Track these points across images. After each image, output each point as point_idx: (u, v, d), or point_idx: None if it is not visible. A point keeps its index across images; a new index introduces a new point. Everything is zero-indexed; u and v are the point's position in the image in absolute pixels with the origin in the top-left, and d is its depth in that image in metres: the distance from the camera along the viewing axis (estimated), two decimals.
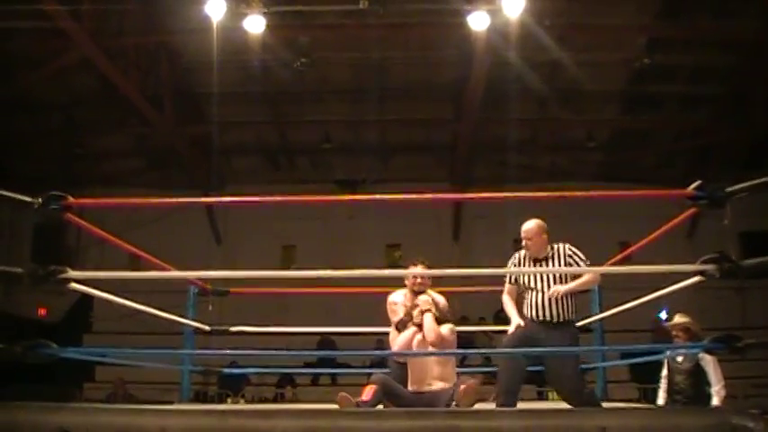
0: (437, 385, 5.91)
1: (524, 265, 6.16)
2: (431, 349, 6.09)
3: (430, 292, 6.43)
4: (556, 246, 6.15)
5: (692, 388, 7.99)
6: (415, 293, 6.36)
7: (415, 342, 6.15)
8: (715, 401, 7.73)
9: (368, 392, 5.66)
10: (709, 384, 7.90)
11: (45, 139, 18.50)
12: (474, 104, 15.92)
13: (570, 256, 6.07)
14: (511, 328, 6.05)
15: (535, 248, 6.13)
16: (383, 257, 19.99)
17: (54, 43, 14.46)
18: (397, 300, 6.52)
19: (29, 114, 17.30)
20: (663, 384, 8.49)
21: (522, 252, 6.22)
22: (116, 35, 14.50)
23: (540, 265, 6.05)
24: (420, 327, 6.14)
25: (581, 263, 6.01)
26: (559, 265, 6.01)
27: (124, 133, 19.05)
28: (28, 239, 19.81)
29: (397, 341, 6.19)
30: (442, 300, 6.43)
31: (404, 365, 6.26)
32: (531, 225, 6.18)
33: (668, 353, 8.23)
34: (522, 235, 6.19)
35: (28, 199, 4.59)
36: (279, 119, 18.68)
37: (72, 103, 17.57)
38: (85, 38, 13.63)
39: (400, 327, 6.33)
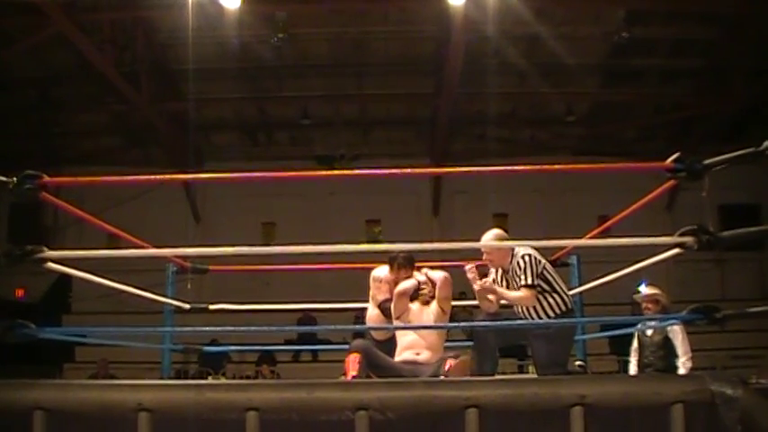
0: (425, 354, 5.87)
1: (497, 278, 5.94)
2: (429, 311, 6.09)
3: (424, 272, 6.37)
4: (516, 251, 5.79)
5: (662, 360, 8.05)
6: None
7: (416, 307, 6.14)
8: (681, 372, 7.78)
9: (353, 365, 5.60)
10: (677, 356, 7.95)
11: (21, 116, 18.30)
12: (453, 79, 15.87)
13: (515, 270, 5.75)
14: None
15: (497, 262, 5.90)
16: (363, 233, 19.98)
17: (28, 19, 14.25)
18: (382, 275, 6.46)
19: (4, 92, 17.10)
20: (633, 358, 8.55)
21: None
22: (91, 10, 14.34)
23: (508, 275, 5.88)
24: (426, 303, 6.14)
25: (521, 276, 5.67)
26: (515, 275, 5.77)
27: (101, 110, 18.87)
28: (4, 219, 19.65)
29: (401, 285, 6.14)
30: (423, 278, 6.38)
31: (384, 343, 6.23)
32: (485, 239, 5.90)
33: (639, 326, 8.27)
34: (482, 249, 5.93)
35: (2, 178, 4.51)
36: (257, 95, 18.55)
37: (48, 81, 17.37)
38: (60, 13, 13.46)
39: (384, 306, 6.29)
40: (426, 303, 6.18)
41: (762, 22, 14.59)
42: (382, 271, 6.47)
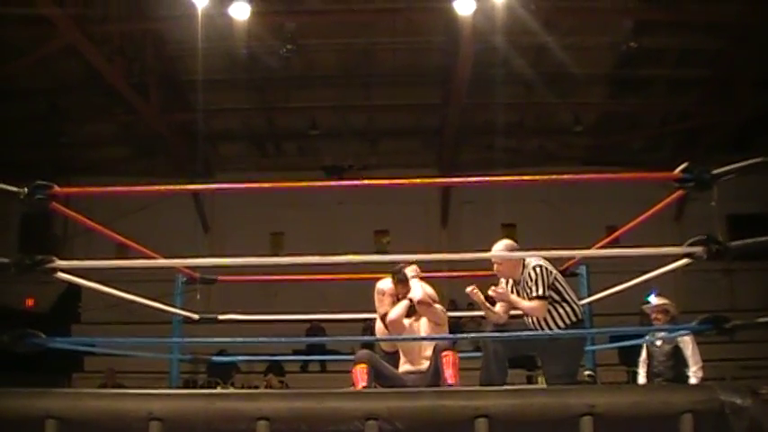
0: (426, 365, 5.89)
1: (507, 290, 5.87)
2: (424, 324, 6.10)
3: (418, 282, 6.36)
4: (527, 261, 5.76)
5: (672, 370, 8.02)
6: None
7: (407, 322, 6.14)
8: (692, 383, 7.74)
9: (361, 376, 5.60)
10: (687, 366, 7.93)
11: (30, 126, 18.37)
12: (461, 89, 15.89)
13: (526, 281, 5.72)
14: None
15: (507, 272, 5.87)
16: (372, 243, 19.97)
17: (38, 30, 14.34)
18: (385, 288, 6.46)
19: (13, 102, 17.16)
20: (642, 368, 8.53)
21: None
22: (100, 22, 14.40)
23: (519, 285, 5.85)
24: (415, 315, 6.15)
25: (533, 287, 5.63)
26: (525, 286, 5.74)
27: (110, 121, 18.98)
28: (14, 229, 19.70)
29: (392, 312, 6.15)
30: (429, 289, 6.37)
31: (392, 354, 6.25)
32: (495, 249, 5.86)
33: (647, 337, 8.25)
34: (493, 259, 5.91)
35: (14, 188, 4.54)
36: (265, 105, 18.60)
37: (57, 91, 17.43)
38: (69, 24, 13.54)
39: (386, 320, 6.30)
40: (419, 317, 6.18)
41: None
42: (386, 283, 6.46)
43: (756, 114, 16.83)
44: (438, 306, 6.23)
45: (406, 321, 6.16)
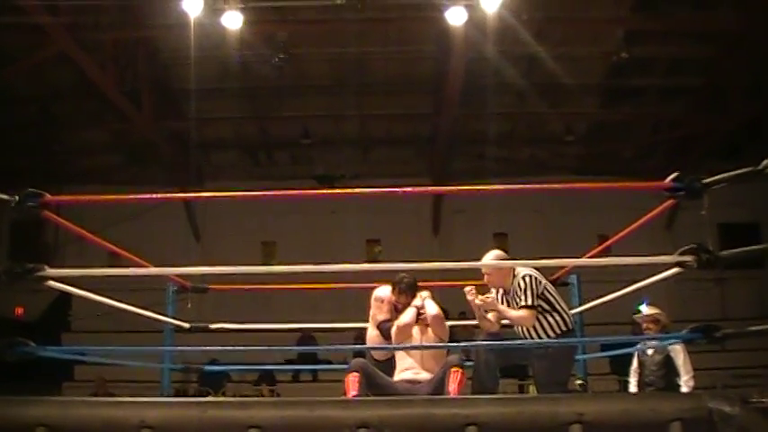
0: (423, 375, 5.89)
1: (498, 299, 5.94)
2: (431, 335, 6.12)
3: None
4: (517, 271, 5.81)
5: (663, 379, 8.06)
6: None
7: (415, 331, 6.15)
8: (684, 392, 7.76)
9: (353, 384, 5.59)
10: (679, 375, 7.95)
11: (22, 134, 18.33)
12: (453, 99, 15.93)
13: (515, 290, 5.76)
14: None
15: (497, 282, 5.91)
16: (363, 252, 19.97)
17: (30, 38, 14.34)
18: (384, 295, 6.45)
19: (5, 109, 17.12)
20: (633, 378, 8.55)
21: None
22: (93, 30, 14.38)
23: (509, 295, 5.89)
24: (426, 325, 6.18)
25: (522, 297, 5.67)
26: (515, 296, 5.78)
27: (102, 129, 18.95)
28: (5, 237, 19.65)
29: (402, 318, 6.16)
30: (420, 303, 6.37)
31: (384, 363, 6.24)
32: (485, 259, 5.90)
33: (638, 346, 8.27)
34: (483, 269, 5.95)
35: (4, 196, 4.52)
36: (258, 114, 18.61)
37: (49, 99, 17.42)
38: (62, 32, 13.53)
39: (384, 326, 6.29)
40: (426, 326, 6.20)
41: (759, 40, 14.68)
42: (384, 291, 6.46)
43: (748, 122, 16.89)
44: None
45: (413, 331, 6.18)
